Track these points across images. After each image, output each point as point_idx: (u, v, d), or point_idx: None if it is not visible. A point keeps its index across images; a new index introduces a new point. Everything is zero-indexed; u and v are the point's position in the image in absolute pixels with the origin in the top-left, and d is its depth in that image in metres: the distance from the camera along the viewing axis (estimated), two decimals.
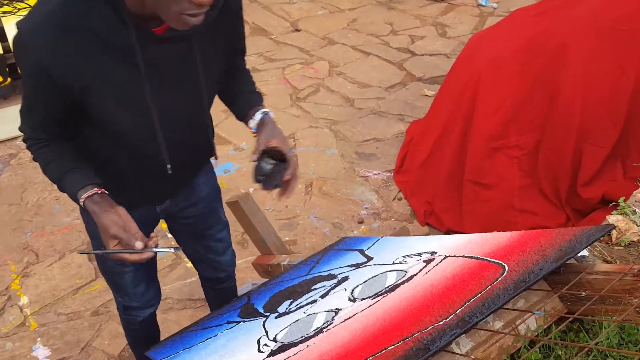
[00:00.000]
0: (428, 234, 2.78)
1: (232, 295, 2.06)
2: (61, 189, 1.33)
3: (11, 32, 3.61)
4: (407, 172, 3.07)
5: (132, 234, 1.23)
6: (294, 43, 4.55)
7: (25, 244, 2.77)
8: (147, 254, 1.25)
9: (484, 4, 5.07)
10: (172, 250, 1.40)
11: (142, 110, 1.24)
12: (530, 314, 1.06)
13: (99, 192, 1.27)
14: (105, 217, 1.24)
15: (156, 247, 1.27)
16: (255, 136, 1.41)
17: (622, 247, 1.32)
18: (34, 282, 2.58)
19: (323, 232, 2.83)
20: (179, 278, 2.61)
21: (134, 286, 1.72)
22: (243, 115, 1.48)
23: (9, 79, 3.67)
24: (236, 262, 2.64)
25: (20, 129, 1.34)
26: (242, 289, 2.54)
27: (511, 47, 2.60)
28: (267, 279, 2.26)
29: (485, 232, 2.53)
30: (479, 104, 2.65)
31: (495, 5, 5.05)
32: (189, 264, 2.66)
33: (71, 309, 2.44)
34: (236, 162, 3.30)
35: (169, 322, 2.39)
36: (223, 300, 1.92)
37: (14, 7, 3.67)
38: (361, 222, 2.88)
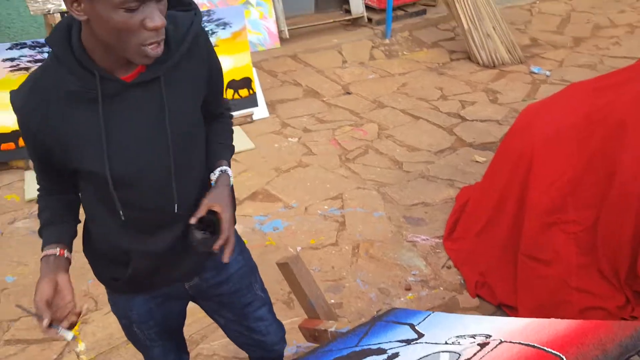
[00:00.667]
0: (478, 306, 2.73)
1: None
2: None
3: None
4: (459, 239, 3.04)
5: (44, 307, 1.29)
6: (344, 105, 4.64)
7: (86, 291, 2.85)
8: (49, 331, 1.30)
9: (536, 71, 5.11)
10: (70, 336, 1.34)
11: (103, 154, 1.26)
12: None
13: (58, 254, 1.37)
14: (40, 282, 1.34)
15: (61, 327, 1.32)
16: None
17: None
18: (92, 330, 2.64)
19: (369, 297, 2.81)
20: (224, 335, 2.62)
21: (162, 355, 1.76)
22: (209, 167, 1.50)
23: None
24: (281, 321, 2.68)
25: (39, 188, 1.47)
26: (288, 351, 2.54)
27: (568, 121, 2.60)
28: (313, 344, 2.26)
29: (539, 308, 2.50)
30: (533, 176, 2.63)
31: (548, 73, 5.08)
32: None
33: (124, 358, 2.48)
34: (285, 220, 3.35)
35: None
36: None
37: None
38: (409, 289, 2.86)
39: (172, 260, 1.49)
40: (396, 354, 1.50)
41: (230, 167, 1.52)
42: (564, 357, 1.10)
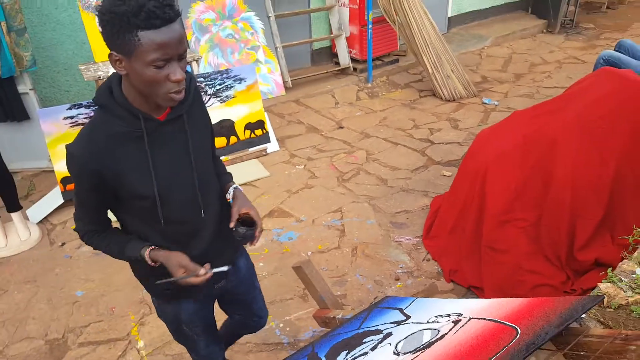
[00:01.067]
0: (453, 289, 2.73)
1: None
2: (124, 257, 1.39)
3: None
4: (435, 237, 3.04)
5: (193, 264, 1.34)
6: (339, 137, 4.63)
7: (141, 299, 2.84)
8: (209, 274, 1.34)
9: (487, 102, 5.10)
10: (226, 267, 1.42)
11: (152, 179, 1.30)
12: None
13: (155, 248, 1.37)
14: (172, 255, 1.35)
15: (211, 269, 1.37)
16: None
17: (613, 310, 1.29)
18: (148, 330, 2.63)
19: (367, 288, 2.81)
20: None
21: (206, 347, 1.76)
22: (222, 188, 1.56)
23: None
24: (298, 313, 2.70)
25: (76, 228, 1.40)
26: (305, 335, 2.55)
27: (512, 143, 2.62)
28: (325, 329, 2.27)
29: (500, 287, 2.50)
30: (488, 186, 2.66)
31: (496, 102, 5.07)
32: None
33: (175, 351, 2.49)
34: (297, 231, 3.34)
35: None
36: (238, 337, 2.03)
37: None
38: (397, 280, 2.85)
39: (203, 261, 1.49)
40: (390, 333, 1.52)
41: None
42: (518, 328, 1.13)
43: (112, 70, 3.95)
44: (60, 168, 3.64)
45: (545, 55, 6.31)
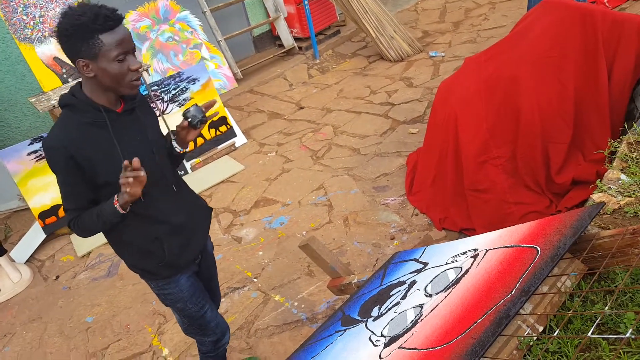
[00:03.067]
0: (446, 236, 2.87)
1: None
2: (102, 223, 1.49)
3: None
4: (418, 192, 3.14)
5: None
6: (302, 118, 4.66)
7: (153, 310, 2.85)
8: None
9: (433, 55, 5.21)
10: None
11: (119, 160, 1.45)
12: (566, 276, 1.18)
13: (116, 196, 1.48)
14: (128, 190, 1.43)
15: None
16: (176, 138, 1.67)
17: (609, 215, 1.43)
18: (169, 337, 2.66)
19: (367, 252, 2.91)
20: (272, 310, 2.68)
21: (213, 320, 1.88)
22: (171, 154, 1.70)
23: None
24: (309, 289, 2.77)
25: (66, 219, 1.54)
26: (321, 308, 2.63)
27: (475, 87, 2.73)
28: (342, 296, 2.36)
29: (490, 224, 2.65)
30: (460, 132, 2.77)
31: (443, 54, 5.20)
32: (277, 297, 2.75)
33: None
34: (287, 215, 3.39)
35: (275, 343, 2.47)
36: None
37: None
38: (393, 239, 2.96)
39: (189, 236, 1.70)
40: (414, 282, 1.62)
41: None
42: (538, 247, 1.24)
43: None
44: (36, 204, 3.54)
45: None
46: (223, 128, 4.41)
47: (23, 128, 4.40)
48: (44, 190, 3.63)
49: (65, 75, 4.20)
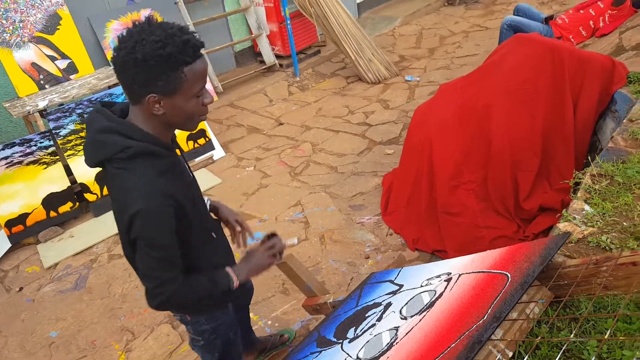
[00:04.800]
0: (419, 257, 2.92)
1: None
2: (215, 291, 1.37)
3: (75, 169, 3.71)
4: (393, 212, 3.19)
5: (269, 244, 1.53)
6: (281, 134, 4.67)
7: (122, 327, 2.77)
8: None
9: (409, 79, 5.34)
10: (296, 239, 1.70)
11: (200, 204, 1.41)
12: (534, 303, 1.24)
13: (229, 269, 1.44)
14: (252, 260, 1.50)
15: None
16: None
17: (574, 244, 1.51)
18: (137, 354, 2.59)
19: (342, 271, 2.92)
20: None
21: (244, 348, 1.88)
22: None
23: (77, 204, 3.74)
24: (283, 307, 2.76)
25: (160, 299, 1.27)
26: (295, 327, 2.63)
27: (450, 112, 2.82)
28: (319, 316, 2.36)
29: (461, 246, 2.71)
30: (435, 156, 2.85)
31: (418, 78, 5.33)
32: (250, 315, 2.73)
33: None
34: (263, 231, 3.38)
35: None
36: None
37: (76, 150, 3.79)
38: (367, 258, 2.98)
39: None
40: (389, 303, 1.64)
41: None
42: (508, 274, 1.29)
43: (41, 104, 3.75)
44: (2, 211, 3.43)
45: (452, 27, 6.69)
46: (201, 140, 4.39)
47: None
48: (11, 198, 3.53)
49: (42, 82, 4.12)
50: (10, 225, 3.52)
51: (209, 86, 5.32)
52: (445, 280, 1.53)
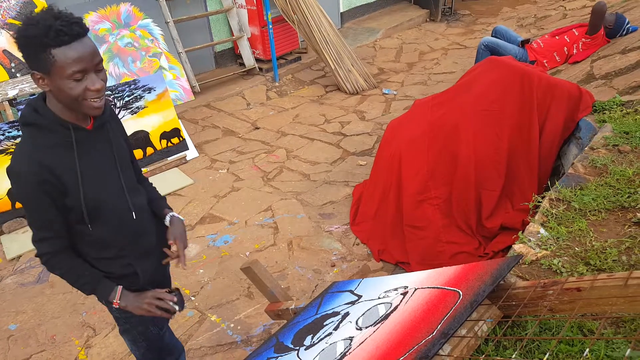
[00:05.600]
0: (383, 267, 2.96)
1: None
2: (82, 288, 1.44)
3: None
4: (361, 223, 3.23)
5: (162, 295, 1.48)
6: (256, 138, 4.67)
7: (83, 322, 2.73)
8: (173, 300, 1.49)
9: (386, 92, 5.43)
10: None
11: (79, 183, 1.35)
12: (483, 321, 1.28)
13: (119, 289, 1.47)
14: (142, 298, 1.48)
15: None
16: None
17: (527, 265, 1.56)
18: (97, 351, 2.55)
19: (307, 278, 2.95)
20: (207, 330, 2.65)
21: (171, 342, 1.85)
22: (160, 215, 1.64)
23: None
24: (246, 311, 2.76)
25: (39, 252, 1.38)
26: (257, 331, 2.63)
27: (419, 131, 2.88)
28: (278, 321, 2.37)
29: (424, 260, 2.77)
30: (403, 170, 2.90)
31: (395, 92, 5.42)
32: (213, 317, 2.72)
33: None
34: (232, 234, 3.37)
35: None
36: None
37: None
38: (333, 266, 3.01)
39: (158, 255, 1.62)
40: (347, 313, 1.67)
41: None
42: (459, 291, 1.33)
43: (11, 92, 3.66)
44: None
45: (432, 43, 6.84)
46: (175, 140, 4.36)
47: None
48: None
49: (13, 70, 4.02)
50: None
51: (185, 84, 5.28)
52: (402, 294, 1.56)
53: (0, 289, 3.05)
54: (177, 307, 1.49)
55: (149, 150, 4.19)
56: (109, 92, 3.96)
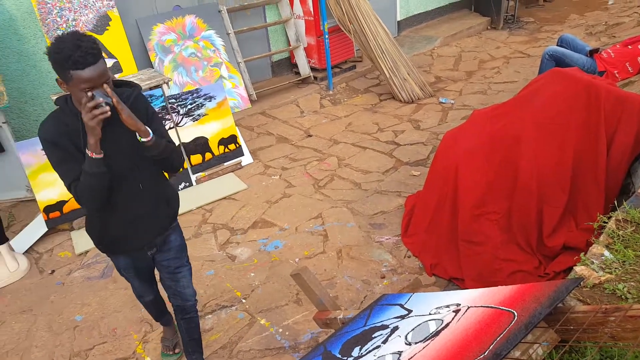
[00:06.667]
0: (435, 282, 2.91)
1: (198, 326, 2.40)
2: (89, 177, 1.76)
3: None
4: (413, 235, 3.19)
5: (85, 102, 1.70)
6: (309, 145, 4.74)
7: (141, 318, 2.88)
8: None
9: (443, 101, 5.34)
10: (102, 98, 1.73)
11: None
12: (538, 344, 1.24)
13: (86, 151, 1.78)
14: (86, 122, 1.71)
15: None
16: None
17: (589, 289, 1.49)
18: (153, 346, 2.68)
19: (356, 288, 2.95)
20: (256, 333, 2.71)
21: (138, 286, 2.33)
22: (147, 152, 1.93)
23: None
24: (295, 317, 2.80)
25: (67, 187, 1.81)
26: (304, 337, 2.67)
27: (478, 142, 2.82)
28: (326, 329, 2.39)
29: (479, 277, 2.69)
30: (460, 182, 2.84)
31: (452, 101, 5.32)
32: (262, 321, 2.79)
33: None
34: (283, 240, 3.44)
35: None
36: (191, 328, 2.36)
37: None
38: (383, 278, 3.00)
39: (133, 231, 2.00)
40: (396, 327, 1.66)
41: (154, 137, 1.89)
42: (514, 312, 1.30)
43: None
44: (43, 197, 3.61)
45: (492, 52, 6.65)
46: (232, 146, 4.51)
47: (40, 121, 4.50)
48: (52, 186, 3.70)
49: None
50: (48, 211, 3.69)
51: (243, 92, 5.46)
52: (453, 311, 1.53)
53: (69, 282, 3.28)
54: (100, 99, 1.67)
55: (208, 155, 4.36)
56: (173, 100, 4.17)
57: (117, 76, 4.48)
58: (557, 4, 8.46)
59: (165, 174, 2.12)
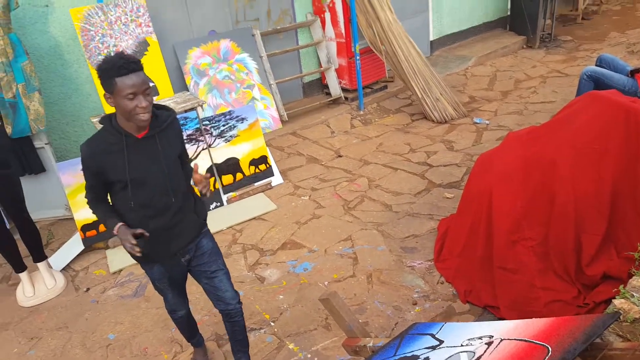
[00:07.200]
0: (469, 310, 2.85)
1: (242, 329, 2.47)
2: (102, 223, 2.11)
3: None
4: (446, 260, 3.15)
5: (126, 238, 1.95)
6: (339, 166, 4.75)
7: (171, 338, 2.93)
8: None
9: (478, 121, 5.28)
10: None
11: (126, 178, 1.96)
12: None
13: (122, 224, 1.99)
14: (126, 231, 1.96)
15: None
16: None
17: (629, 323, 1.44)
18: None
19: (387, 314, 2.92)
20: (284, 357, 2.71)
21: (172, 298, 2.41)
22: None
23: None
24: (324, 343, 2.79)
25: (87, 198, 2.06)
26: None
27: (513, 166, 2.78)
28: (355, 357, 2.37)
29: (514, 305, 2.63)
30: (494, 207, 2.79)
31: (487, 122, 5.26)
32: (291, 345, 2.79)
33: None
34: (312, 262, 3.45)
35: None
36: (235, 331, 2.44)
37: None
38: (415, 304, 2.96)
39: (166, 239, 2.12)
40: (427, 358, 1.64)
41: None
42: (549, 347, 1.27)
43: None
44: (80, 216, 3.75)
45: (529, 71, 6.56)
46: (262, 166, 4.58)
47: (81, 142, 4.70)
48: None
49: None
50: (85, 229, 3.84)
51: (274, 113, 5.57)
52: (486, 343, 1.51)
53: (103, 300, 3.38)
54: (136, 249, 1.93)
55: (239, 175, 4.45)
56: (206, 122, 4.30)
57: (154, 99, 4.66)
58: (596, 22, 8.29)
59: (196, 190, 2.27)
